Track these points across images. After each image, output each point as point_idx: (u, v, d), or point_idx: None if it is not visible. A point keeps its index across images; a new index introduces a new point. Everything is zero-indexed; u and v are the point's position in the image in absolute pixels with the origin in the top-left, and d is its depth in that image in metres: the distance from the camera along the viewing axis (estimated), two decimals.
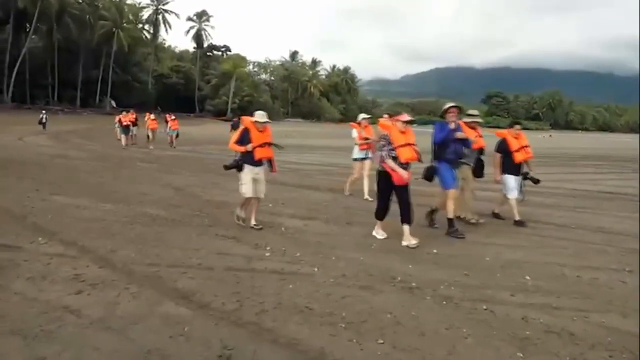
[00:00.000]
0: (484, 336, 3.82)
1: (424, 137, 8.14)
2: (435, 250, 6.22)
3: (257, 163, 7.11)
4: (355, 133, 10.02)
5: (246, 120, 7.23)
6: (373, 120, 10.51)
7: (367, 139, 9.90)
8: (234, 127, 27.18)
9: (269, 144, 7.18)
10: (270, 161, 7.31)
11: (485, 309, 4.35)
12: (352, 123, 10.44)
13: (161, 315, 4.00)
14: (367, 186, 9.70)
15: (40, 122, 30.44)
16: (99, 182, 11.12)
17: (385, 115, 9.80)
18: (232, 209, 7.75)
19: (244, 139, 7.03)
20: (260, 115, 7.18)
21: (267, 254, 5.81)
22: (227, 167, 7.36)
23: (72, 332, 3.65)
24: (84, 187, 10.25)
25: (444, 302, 4.48)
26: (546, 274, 5.46)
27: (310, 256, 5.79)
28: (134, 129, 23.19)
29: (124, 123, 22.35)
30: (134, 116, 23.43)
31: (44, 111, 33.31)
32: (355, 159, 10.06)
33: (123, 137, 22.25)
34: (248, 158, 7.02)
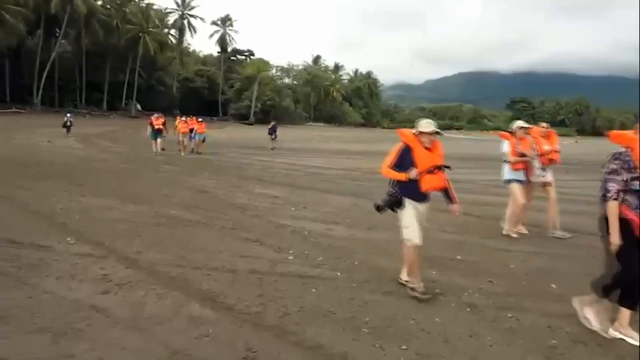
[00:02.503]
0: (509, 344, 3.78)
1: (451, 142, 8.09)
2: (459, 257, 6.17)
3: (423, 197, 4.99)
4: (507, 147, 7.66)
5: (406, 133, 5.12)
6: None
7: (523, 155, 7.54)
8: (272, 131, 26.99)
9: (441, 167, 5.06)
10: (445, 191, 5.18)
11: (510, 317, 4.30)
12: (502, 132, 8.09)
13: (186, 316, 4.05)
14: (555, 218, 7.65)
15: (64, 126, 30.47)
16: (124, 184, 11.31)
17: (544, 124, 8.11)
18: (255, 211, 7.76)
19: (403, 161, 4.93)
20: (426, 125, 5.02)
21: (290, 258, 5.84)
22: (380, 208, 5.10)
23: (100, 331, 3.72)
24: (110, 189, 10.43)
25: (468, 309, 4.45)
26: (573, 282, 5.36)
27: (332, 260, 5.80)
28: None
29: (156, 127, 20.68)
30: (163, 120, 21.61)
31: (68, 114, 33.18)
32: (509, 181, 7.70)
33: (154, 142, 20.62)
34: (410, 189, 4.89)
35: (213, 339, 3.66)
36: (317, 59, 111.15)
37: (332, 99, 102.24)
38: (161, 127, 20.56)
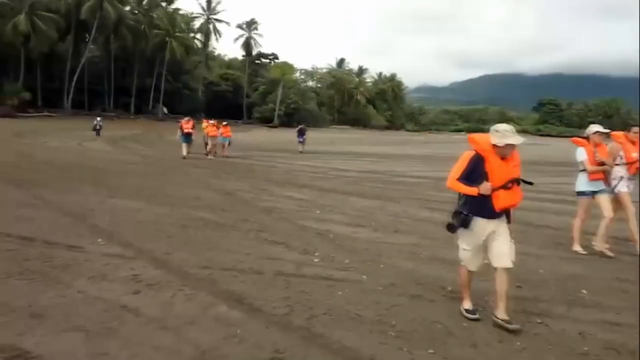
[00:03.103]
0: (539, 350, 3.73)
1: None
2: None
3: (496, 214, 4.20)
4: (583, 154, 6.71)
5: (479, 140, 4.31)
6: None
7: (602, 163, 6.62)
8: (301, 133, 26.85)
9: (518, 181, 4.27)
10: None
11: (539, 323, 4.24)
12: (576, 139, 7.08)
13: (215, 316, 4.10)
14: (636, 231, 6.71)
15: (94, 129, 31.13)
16: (153, 186, 11.50)
17: (636, 129, 6.94)
18: (281, 214, 7.81)
19: (474, 174, 4.17)
20: (502, 133, 4.18)
21: (316, 260, 5.86)
22: (452, 227, 4.29)
23: (131, 330, 3.80)
24: (139, 191, 10.63)
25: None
26: (605, 288, 5.26)
27: (358, 263, 5.80)
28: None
29: (186, 130, 20.15)
30: (192, 123, 21.08)
31: (98, 118, 33.86)
32: (583, 193, 6.83)
33: (183, 146, 20.06)
34: (480, 206, 4.13)
35: (241, 339, 3.70)
36: (341, 62, 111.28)
37: (356, 101, 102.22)
38: (191, 130, 20.15)
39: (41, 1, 60.32)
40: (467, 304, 4.39)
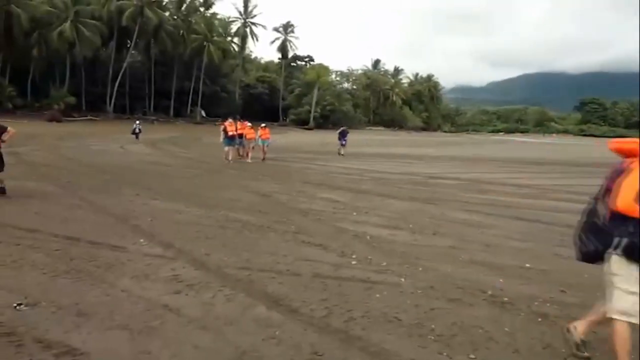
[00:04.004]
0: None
1: (511, 145, 7.84)
2: (527, 265, 5.96)
3: None
4: None
5: None
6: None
7: None
8: (342, 135, 26.10)
9: None
10: None
11: None
12: None
13: (253, 317, 4.14)
14: None
15: (133, 133, 31.74)
16: (192, 188, 11.71)
17: None
18: (318, 216, 7.83)
19: None
20: None
21: (354, 262, 5.84)
22: (590, 257, 3.59)
23: (172, 329, 3.87)
24: (178, 193, 10.84)
25: (540, 320, 4.28)
26: None
27: (396, 266, 5.76)
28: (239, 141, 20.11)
29: (230, 133, 19.19)
30: (236, 125, 19.91)
31: (137, 121, 34.36)
32: None
33: (227, 149, 19.22)
34: None
35: (280, 341, 3.73)
36: (376, 63, 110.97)
37: (392, 103, 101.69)
38: (235, 133, 19.38)
39: (85, 9, 62.42)
40: None
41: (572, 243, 3.71)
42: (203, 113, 76.53)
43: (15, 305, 4.17)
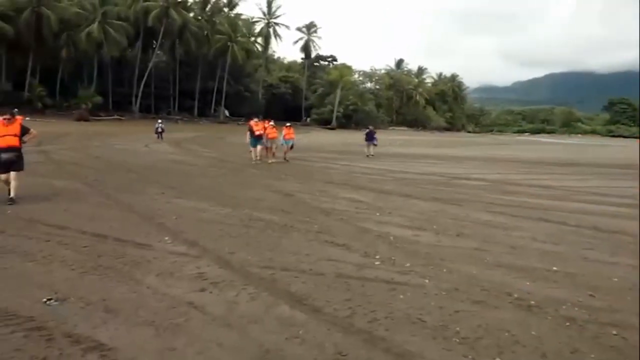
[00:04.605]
0: None
1: (537, 146, 7.71)
2: (555, 268, 5.86)
3: None
4: None
5: None
6: None
7: None
8: (370, 137, 25.21)
9: None
10: None
11: (615, 335, 4.01)
12: None
13: (277, 316, 4.16)
14: None
15: (156, 132, 32.00)
16: (215, 187, 11.82)
17: None
18: (340, 215, 7.84)
19: None
20: None
21: (377, 263, 5.82)
22: None
23: (197, 326, 3.92)
24: (202, 192, 10.95)
25: (567, 324, 4.20)
26: None
27: (420, 267, 5.71)
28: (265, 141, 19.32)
29: (257, 132, 18.68)
30: (262, 125, 19.35)
31: (159, 121, 34.45)
32: None
33: (253, 149, 18.79)
34: None
35: (303, 340, 3.73)
36: (399, 63, 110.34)
37: (415, 102, 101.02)
38: (262, 132, 18.90)
39: (112, 10, 63.53)
40: None
41: None
42: (226, 113, 77.18)
43: (45, 300, 4.27)
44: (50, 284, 4.70)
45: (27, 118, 44.89)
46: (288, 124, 21.26)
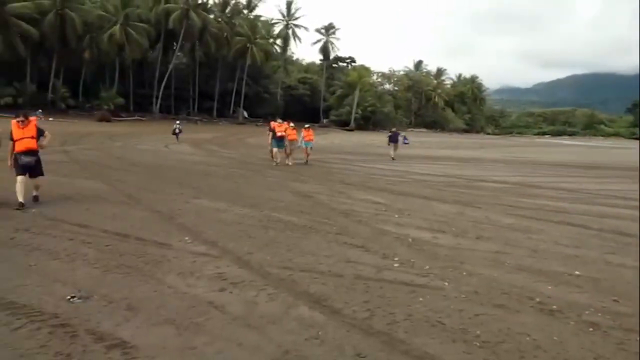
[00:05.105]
0: None
1: (558, 149, 7.60)
2: (577, 272, 5.77)
3: None
4: None
5: None
6: None
7: None
8: (393, 140, 24.68)
9: None
10: None
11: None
12: None
13: (296, 317, 4.17)
14: None
15: (173, 133, 32.25)
16: (234, 188, 11.90)
17: None
18: (359, 217, 7.82)
19: None
20: None
21: (396, 265, 5.80)
22: None
23: (217, 326, 3.95)
24: (221, 192, 11.03)
25: (591, 329, 4.14)
26: None
27: (439, 270, 5.68)
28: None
29: (279, 134, 18.26)
30: (286, 126, 19.05)
31: (178, 122, 34.63)
32: None
33: (275, 151, 18.43)
34: None
35: (322, 341, 3.74)
36: (418, 64, 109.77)
37: (434, 104, 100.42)
38: (284, 134, 18.47)
39: (134, 12, 64.37)
40: None
41: None
42: (245, 114, 77.64)
43: (69, 297, 4.35)
44: (73, 281, 4.79)
45: (51, 119, 45.90)
46: (307, 126, 20.96)
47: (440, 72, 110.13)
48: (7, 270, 5.07)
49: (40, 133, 8.59)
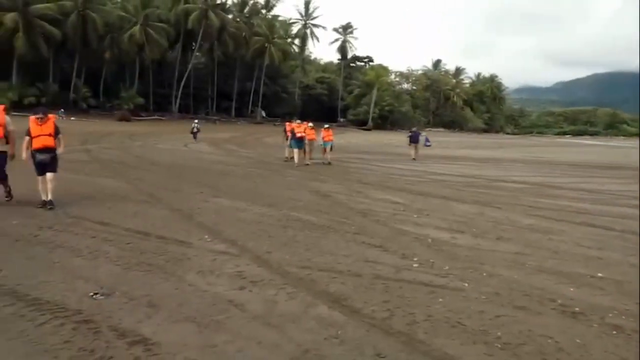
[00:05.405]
0: None
1: (579, 148, 7.48)
2: (600, 274, 5.68)
3: None
4: None
5: None
6: None
7: None
8: (413, 140, 24.17)
9: None
10: None
11: None
12: None
13: (315, 316, 4.18)
14: None
15: (191, 132, 32.47)
16: (253, 187, 11.95)
17: None
18: (377, 217, 7.80)
19: None
20: None
21: (415, 265, 5.77)
22: None
23: (237, 324, 3.97)
24: (240, 191, 11.09)
25: (614, 332, 4.07)
26: None
27: (459, 270, 5.64)
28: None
29: (298, 135, 17.78)
30: (305, 126, 18.50)
31: (196, 121, 34.87)
32: None
33: (295, 152, 18.05)
34: None
35: (342, 341, 3.74)
36: (437, 64, 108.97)
37: (452, 103, 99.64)
38: (304, 134, 17.90)
39: (154, 12, 65.06)
40: None
41: None
42: (263, 113, 78.00)
43: (92, 294, 4.42)
44: (96, 278, 4.86)
45: (72, 118, 46.61)
46: (326, 126, 20.55)
47: (459, 71, 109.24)
48: (32, 267, 5.17)
49: (57, 131, 8.35)
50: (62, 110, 49.12)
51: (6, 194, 8.46)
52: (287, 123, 20.71)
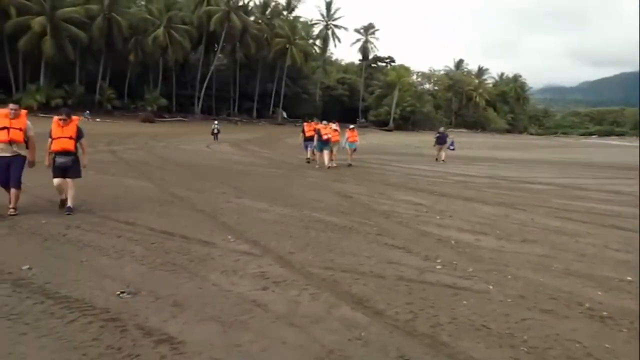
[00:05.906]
0: None
1: (605, 149, 7.33)
2: (629, 278, 5.56)
3: None
4: None
5: None
6: None
7: None
8: (440, 141, 23.59)
9: None
10: None
11: None
12: None
13: (339, 317, 4.17)
14: None
15: (212, 133, 32.74)
16: (275, 188, 12.00)
17: None
18: (400, 218, 7.76)
19: None
20: None
21: (438, 267, 5.72)
22: None
23: (261, 324, 3.99)
24: (262, 192, 11.14)
25: None
26: None
27: (483, 273, 5.57)
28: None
29: (324, 136, 17.24)
30: (331, 128, 18.00)
31: (216, 122, 35.31)
32: None
33: (320, 154, 17.72)
34: None
35: (366, 342, 3.73)
36: (459, 64, 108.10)
37: (475, 104, 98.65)
38: (329, 136, 17.34)
39: (177, 14, 65.93)
40: None
41: None
42: (284, 114, 78.34)
43: (118, 293, 4.49)
44: (122, 277, 4.93)
45: (98, 119, 47.46)
46: (352, 126, 19.97)
47: (481, 71, 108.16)
48: (61, 265, 5.27)
49: (80, 134, 8.01)
50: (88, 112, 50.10)
51: (13, 208, 7.48)
52: (305, 123, 20.28)
